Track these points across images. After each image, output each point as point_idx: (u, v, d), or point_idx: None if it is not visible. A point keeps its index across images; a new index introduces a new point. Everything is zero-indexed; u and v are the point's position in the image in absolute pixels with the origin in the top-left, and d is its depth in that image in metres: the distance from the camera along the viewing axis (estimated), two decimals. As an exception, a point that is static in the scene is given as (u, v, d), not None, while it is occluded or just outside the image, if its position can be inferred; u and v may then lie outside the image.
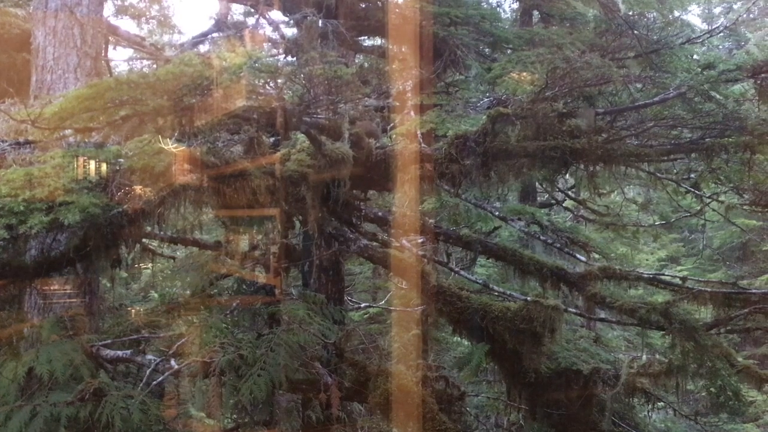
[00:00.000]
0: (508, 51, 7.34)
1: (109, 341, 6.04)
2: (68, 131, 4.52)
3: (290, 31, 8.22)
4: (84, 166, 4.19)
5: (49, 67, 6.78)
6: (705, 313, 6.36)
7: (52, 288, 6.35)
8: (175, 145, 4.67)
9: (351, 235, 7.03)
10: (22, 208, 3.67)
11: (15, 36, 9.23)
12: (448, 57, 7.02)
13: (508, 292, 7.00)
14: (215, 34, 7.66)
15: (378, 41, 8.26)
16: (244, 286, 7.06)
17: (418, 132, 5.81)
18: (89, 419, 4.93)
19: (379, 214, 6.98)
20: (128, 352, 5.96)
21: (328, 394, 6.06)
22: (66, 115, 3.69)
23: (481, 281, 7.39)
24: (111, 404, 4.92)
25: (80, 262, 4.64)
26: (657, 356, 7.70)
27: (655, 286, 6.83)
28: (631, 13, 7.23)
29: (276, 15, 8.19)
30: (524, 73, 5.56)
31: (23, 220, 3.63)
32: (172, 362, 5.59)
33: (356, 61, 8.25)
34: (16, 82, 9.16)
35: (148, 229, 5.77)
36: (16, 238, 3.87)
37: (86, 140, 4.44)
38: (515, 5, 10.44)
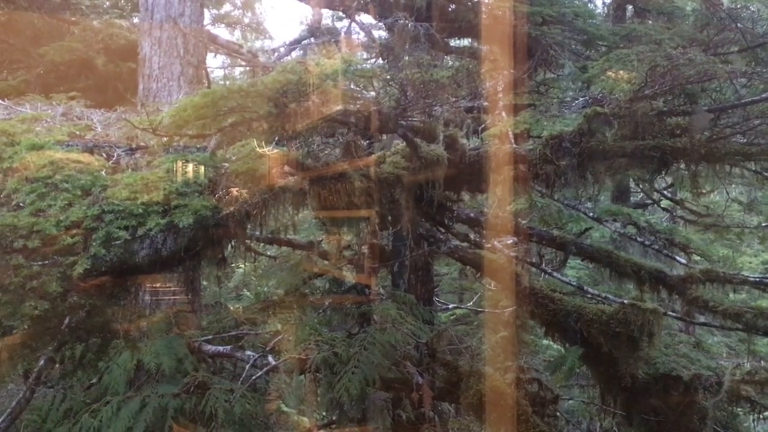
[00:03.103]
0: (602, 48, 7.19)
1: (209, 337, 6.30)
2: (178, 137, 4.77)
3: (378, 34, 8.32)
4: (194, 171, 4.41)
5: (155, 76, 7.14)
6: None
7: (157, 285, 6.69)
8: (275, 149, 4.84)
9: (441, 236, 7.05)
10: (140, 210, 3.91)
11: (121, 46, 9.74)
12: (540, 56, 6.93)
13: (603, 295, 6.84)
14: (309, 40, 7.84)
15: (467, 42, 8.25)
16: (335, 286, 7.20)
17: (510, 133, 5.77)
18: (194, 411, 5.14)
19: (471, 215, 6.97)
20: (228, 348, 6.20)
21: (420, 394, 6.10)
22: (182, 123, 3.91)
23: (574, 283, 7.26)
24: (215, 397, 5.11)
25: (189, 261, 4.87)
26: (762, 363, 7.34)
27: (762, 290, 6.53)
28: (733, 5, 6.93)
29: (366, 19, 8.32)
30: (621, 72, 5.44)
31: (142, 222, 3.87)
32: (270, 358, 5.78)
33: (446, 62, 8.26)
34: (121, 90, 9.68)
35: (248, 229, 5.99)
36: (134, 239, 4.11)
37: (195, 146, 4.67)
38: (608, 0, 10.20)
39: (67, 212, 3.80)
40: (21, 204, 4.00)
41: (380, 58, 7.39)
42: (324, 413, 7.69)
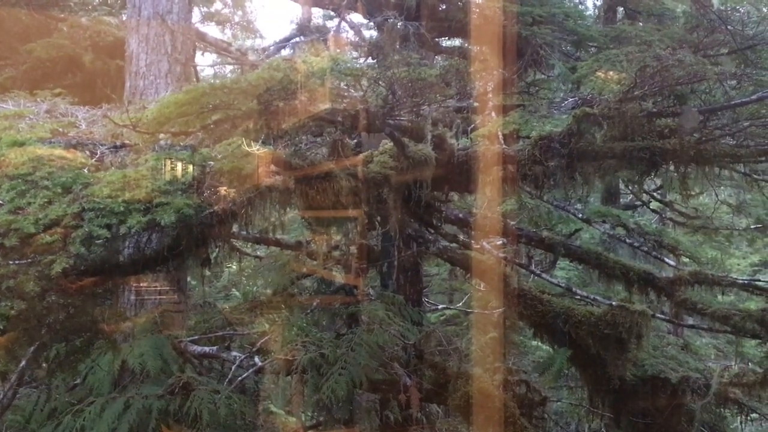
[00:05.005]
0: (593, 49, 7.18)
1: (196, 337, 6.24)
2: (161, 134, 4.71)
3: (368, 34, 8.29)
4: (178, 169, 4.35)
5: (142, 73, 7.08)
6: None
7: (143, 285, 6.62)
8: (261, 147, 4.78)
9: (430, 237, 7.02)
10: (121, 208, 3.85)
11: (109, 44, 9.66)
12: (530, 56, 6.91)
13: (592, 296, 6.83)
14: (298, 39, 7.81)
15: (458, 42, 8.22)
16: (324, 286, 7.15)
17: (500, 133, 5.75)
18: (178, 412, 5.08)
19: (460, 215, 6.93)
20: (214, 348, 6.14)
21: (407, 395, 6.06)
22: (164, 120, 3.86)
23: (563, 284, 7.24)
24: (199, 398, 5.05)
25: (173, 261, 4.81)
26: (750, 365, 7.34)
27: (750, 293, 6.53)
28: (723, 7, 6.93)
29: (356, 18, 8.29)
30: (611, 72, 5.42)
31: (123, 220, 3.81)
32: (256, 359, 5.73)
33: (436, 61, 8.24)
34: (109, 88, 9.59)
35: (234, 229, 5.93)
36: (116, 238, 4.05)
37: (180, 143, 4.61)
38: (599, 2, 10.20)
39: (46, 210, 3.73)
40: (0, 201, 3.93)
41: (369, 57, 7.34)
42: (311, 414, 7.64)
